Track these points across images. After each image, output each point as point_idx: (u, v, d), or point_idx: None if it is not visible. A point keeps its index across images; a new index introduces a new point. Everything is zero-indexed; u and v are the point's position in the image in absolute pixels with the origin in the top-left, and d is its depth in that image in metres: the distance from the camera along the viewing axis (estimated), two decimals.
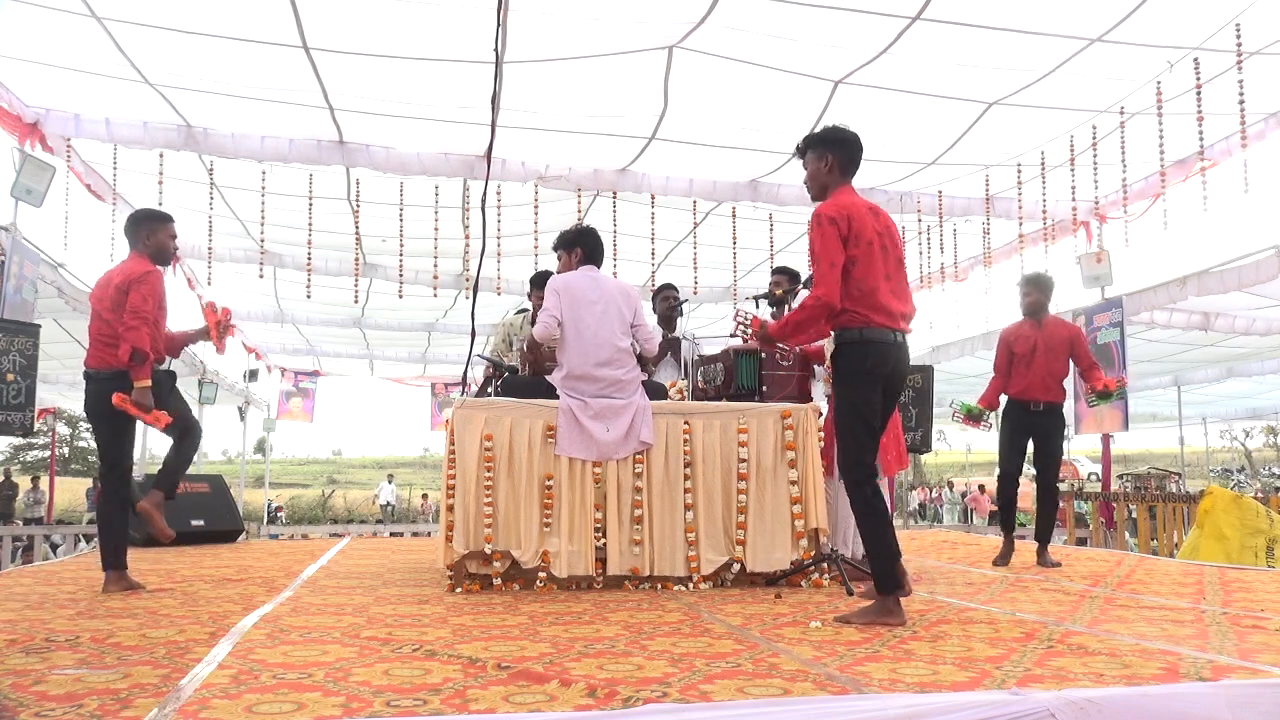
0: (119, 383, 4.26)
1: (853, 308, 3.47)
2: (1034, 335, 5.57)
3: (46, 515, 18.18)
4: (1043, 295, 5.65)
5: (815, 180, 3.69)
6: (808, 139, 3.72)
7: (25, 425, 7.46)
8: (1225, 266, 8.12)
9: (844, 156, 3.64)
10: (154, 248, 4.52)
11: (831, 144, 3.65)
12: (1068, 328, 5.69)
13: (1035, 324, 5.63)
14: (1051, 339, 5.53)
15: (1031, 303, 5.64)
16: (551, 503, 4.42)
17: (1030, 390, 5.52)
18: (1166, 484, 20.79)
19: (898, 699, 2.17)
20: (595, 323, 4.46)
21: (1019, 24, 6.01)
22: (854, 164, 3.68)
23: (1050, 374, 5.54)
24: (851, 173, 3.68)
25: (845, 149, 3.65)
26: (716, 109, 7.44)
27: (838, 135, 3.67)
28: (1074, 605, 3.92)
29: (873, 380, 3.51)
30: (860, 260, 3.47)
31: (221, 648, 2.86)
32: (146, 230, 4.51)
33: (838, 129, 3.69)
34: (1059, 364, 5.57)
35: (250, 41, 6.24)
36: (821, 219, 3.49)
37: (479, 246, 4.75)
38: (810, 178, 3.71)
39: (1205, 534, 7.07)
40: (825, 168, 3.64)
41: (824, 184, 3.66)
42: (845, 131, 3.67)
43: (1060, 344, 5.53)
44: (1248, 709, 2.14)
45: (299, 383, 18.59)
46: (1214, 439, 28.78)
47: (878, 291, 3.48)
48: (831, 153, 3.63)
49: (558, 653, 2.79)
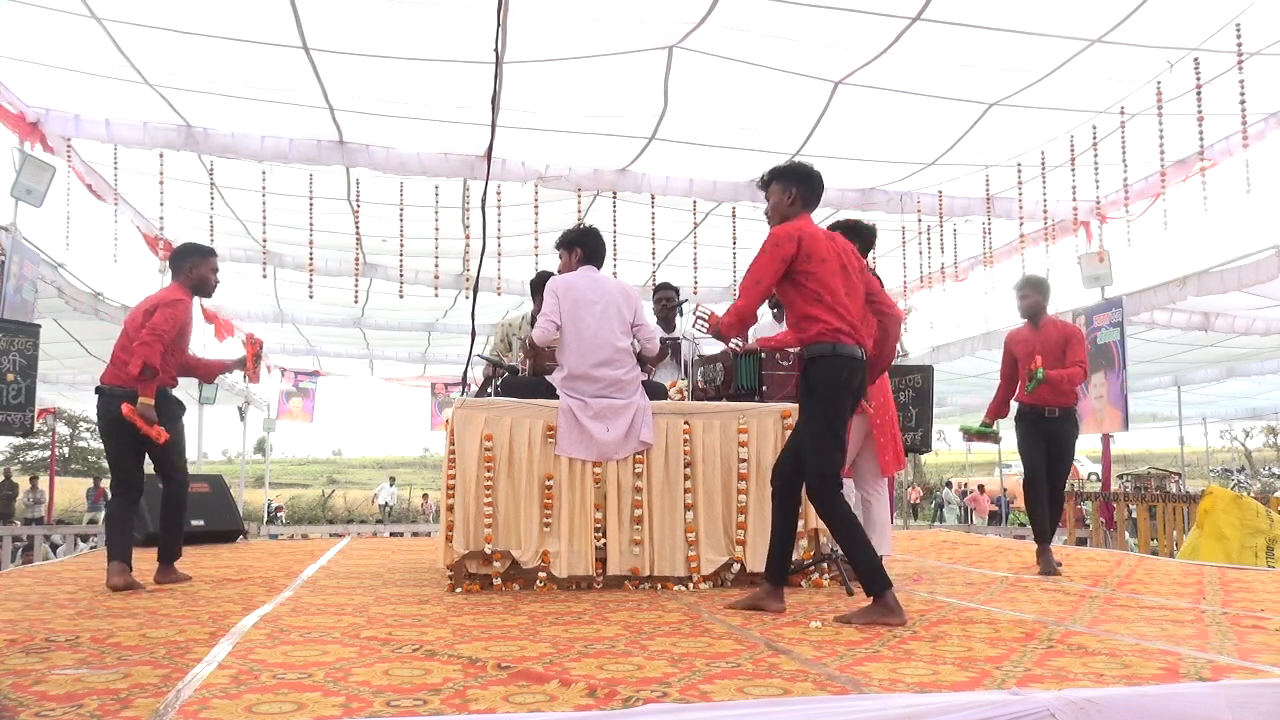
0: (121, 399, 4.41)
1: (824, 318, 3.58)
2: (1033, 339, 5.52)
3: (46, 515, 18.18)
4: (1040, 297, 5.59)
5: (778, 211, 3.81)
6: (774, 171, 3.86)
7: (25, 425, 7.46)
8: (1225, 266, 8.12)
9: (807, 191, 3.79)
10: (196, 280, 4.72)
11: (797, 178, 3.80)
12: (1065, 328, 5.62)
13: (1033, 327, 5.58)
14: (1049, 341, 5.47)
15: (1029, 305, 5.59)
16: (551, 503, 4.42)
17: (1041, 396, 5.40)
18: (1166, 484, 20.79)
19: (898, 699, 2.17)
20: (595, 323, 4.45)
21: (1019, 25, 6.01)
22: (815, 198, 3.83)
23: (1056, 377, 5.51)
24: (813, 206, 3.83)
25: (810, 184, 3.80)
26: (716, 109, 7.44)
27: (803, 170, 3.83)
28: (1074, 605, 3.91)
29: (846, 393, 3.62)
30: (817, 275, 3.61)
31: (221, 648, 2.86)
32: (190, 263, 4.71)
33: (803, 165, 3.88)
34: (1059, 364, 5.45)
35: (250, 42, 6.24)
36: (773, 237, 3.64)
37: (479, 246, 4.75)
38: (773, 208, 3.84)
39: (1205, 534, 7.07)
40: (789, 200, 3.78)
41: (785, 215, 3.79)
42: (810, 168, 3.84)
43: (1057, 345, 5.47)
44: (1248, 709, 2.14)
45: (299, 383, 18.59)
46: (1214, 439, 28.79)
47: (841, 306, 3.61)
48: (796, 186, 3.78)
49: (558, 653, 2.79)
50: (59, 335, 11.20)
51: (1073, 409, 5.50)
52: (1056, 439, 5.48)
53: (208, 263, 4.77)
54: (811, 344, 3.61)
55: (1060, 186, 8.49)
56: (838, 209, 8.88)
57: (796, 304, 3.66)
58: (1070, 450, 5.56)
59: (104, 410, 4.51)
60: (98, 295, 9.20)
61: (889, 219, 9.41)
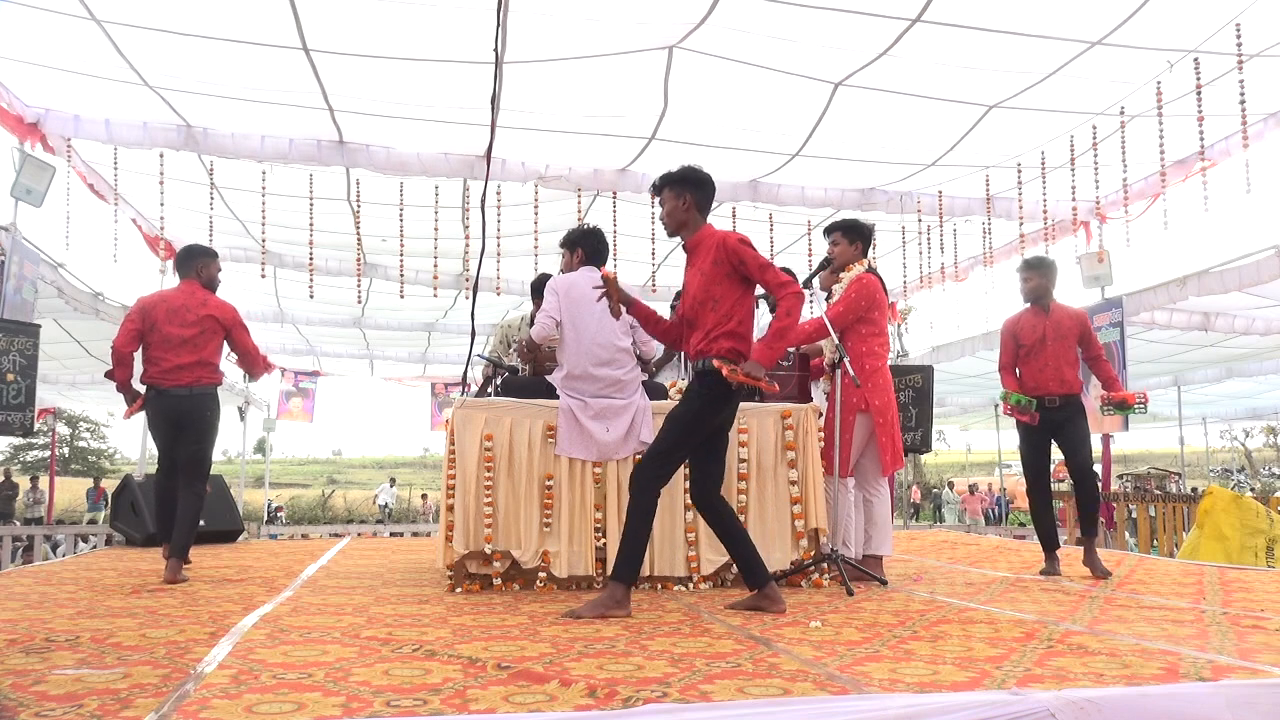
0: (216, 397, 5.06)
1: (741, 333, 3.66)
2: (1041, 323, 5.15)
3: (46, 515, 18.18)
4: (1044, 280, 5.22)
5: (673, 217, 3.82)
6: (664, 177, 3.85)
7: (25, 425, 7.46)
8: (1225, 266, 8.12)
9: (700, 196, 3.80)
10: (207, 279, 5.19)
11: (690, 184, 3.80)
12: (1076, 312, 5.29)
13: (1041, 311, 5.20)
14: (1060, 326, 5.12)
15: (1033, 288, 5.22)
16: (551, 503, 4.42)
17: (1044, 384, 5.08)
18: (1166, 484, 20.82)
19: (898, 699, 2.17)
20: (595, 323, 4.45)
21: (1019, 26, 6.01)
22: (709, 203, 3.85)
23: (1064, 363, 5.10)
24: (707, 212, 3.85)
25: (702, 189, 3.81)
26: (716, 109, 7.44)
27: (695, 175, 3.82)
28: (1074, 605, 3.92)
29: (727, 409, 3.74)
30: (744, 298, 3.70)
31: (221, 648, 2.86)
32: (200, 263, 5.19)
33: (695, 169, 3.85)
34: (1071, 352, 5.16)
35: (250, 43, 6.24)
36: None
37: (479, 246, 4.75)
38: (667, 214, 3.84)
39: (1205, 534, 7.08)
40: (683, 205, 3.79)
41: (681, 220, 3.80)
42: (702, 172, 3.85)
43: (1069, 330, 5.13)
44: (1248, 709, 2.14)
45: (299, 383, 18.57)
46: (1214, 439, 28.79)
47: (744, 328, 3.71)
48: (689, 192, 3.79)
49: (558, 653, 2.79)
50: (59, 335, 11.19)
51: (1077, 396, 5.12)
52: (1063, 430, 5.12)
53: (214, 263, 5.26)
54: (722, 356, 3.63)
55: (1060, 187, 8.48)
56: (838, 209, 8.88)
57: (723, 307, 3.67)
58: (1082, 437, 5.15)
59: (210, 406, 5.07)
60: (98, 295, 9.20)
61: (889, 219, 9.41)
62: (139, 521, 7.09)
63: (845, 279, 4.92)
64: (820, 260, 5.14)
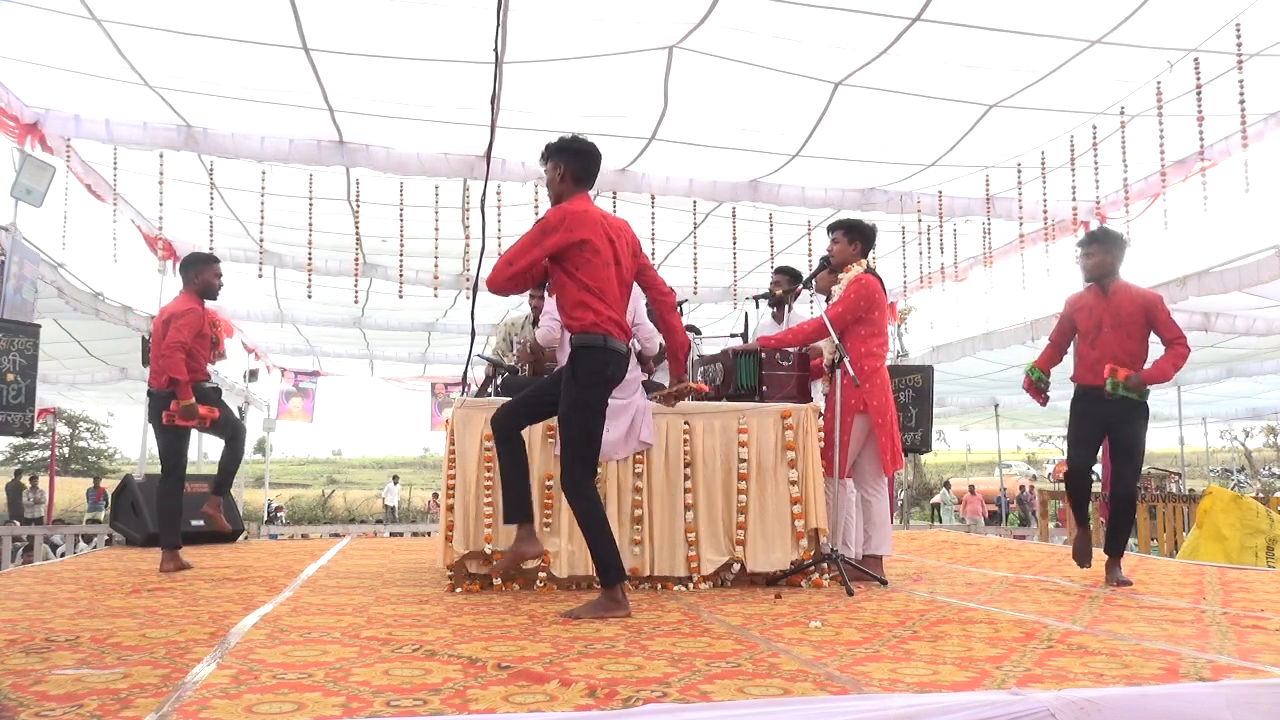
0: (166, 400, 5.04)
1: (596, 307, 3.57)
2: (1099, 306, 4.58)
3: (46, 515, 18.17)
4: (1108, 255, 4.58)
5: (551, 188, 3.78)
6: (547, 147, 3.78)
7: (25, 425, 7.46)
8: (1225, 266, 8.12)
9: (579, 166, 3.71)
10: (201, 285, 5.24)
11: (566, 154, 3.71)
12: (1142, 295, 4.58)
13: (1100, 292, 4.61)
14: (1121, 311, 4.52)
15: (1095, 264, 4.59)
16: (551, 503, 4.42)
17: (1099, 376, 4.49)
18: (1166, 484, 20.80)
19: (898, 699, 2.17)
20: None
21: (1019, 26, 6.01)
22: (590, 175, 3.76)
23: (1124, 352, 4.50)
24: (587, 184, 3.76)
25: (580, 160, 3.72)
26: (716, 109, 7.44)
27: (574, 145, 3.74)
28: (1074, 605, 3.91)
29: (608, 387, 3.69)
30: (590, 264, 3.58)
31: (221, 648, 2.86)
32: (194, 271, 5.24)
33: (577, 139, 3.77)
34: (1134, 341, 4.52)
35: (250, 42, 6.24)
36: (543, 223, 3.60)
37: (479, 246, 4.74)
38: (548, 184, 3.80)
39: (1205, 534, 7.08)
40: (559, 176, 3.72)
41: (558, 192, 3.74)
42: (583, 142, 3.75)
43: (1133, 315, 4.52)
44: (1248, 709, 2.14)
45: (299, 383, 18.58)
46: (1214, 439, 28.79)
47: (611, 297, 3.61)
48: (565, 162, 3.70)
49: (558, 653, 2.79)
50: (59, 335, 11.19)
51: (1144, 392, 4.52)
52: (1119, 427, 4.55)
53: (211, 268, 5.26)
54: (583, 333, 3.59)
55: (1060, 187, 8.49)
56: (838, 209, 8.88)
57: (569, 290, 3.62)
58: (1138, 444, 4.58)
59: (152, 410, 5.16)
60: (98, 295, 9.20)
61: (889, 219, 9.41)
62: (139, 521, 7.09)
63: (844, 279, 4.91)
64: (820, 260, 5.14)
